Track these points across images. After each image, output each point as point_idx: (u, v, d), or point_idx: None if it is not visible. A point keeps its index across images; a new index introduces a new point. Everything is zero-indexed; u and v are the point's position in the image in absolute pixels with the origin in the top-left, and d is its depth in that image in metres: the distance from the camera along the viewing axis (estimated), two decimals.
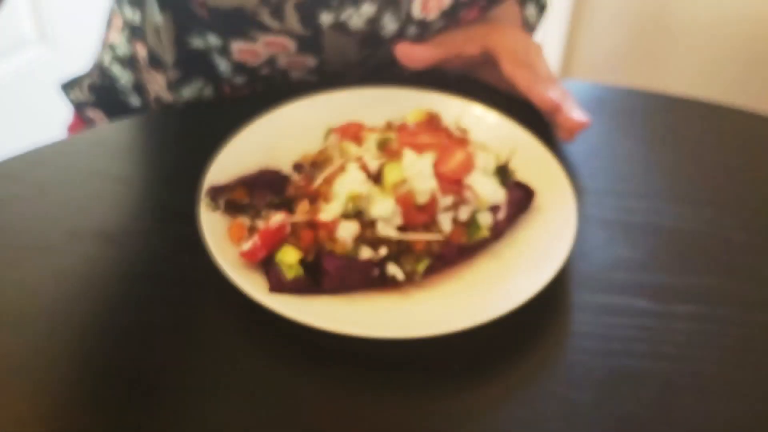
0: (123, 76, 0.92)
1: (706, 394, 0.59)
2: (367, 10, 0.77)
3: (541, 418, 0.57)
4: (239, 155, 0.70)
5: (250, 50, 0.81)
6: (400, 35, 0.82)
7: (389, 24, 0.80)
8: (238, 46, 0.81)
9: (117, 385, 0.57)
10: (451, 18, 0.82)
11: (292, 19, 0.76)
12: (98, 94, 0.96)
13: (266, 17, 0.76)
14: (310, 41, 0.79)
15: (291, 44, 0.80)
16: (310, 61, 0.83)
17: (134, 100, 0.94)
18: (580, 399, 0.58)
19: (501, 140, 0.72)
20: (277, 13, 0.76)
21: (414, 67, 0.81)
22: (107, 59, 0.93)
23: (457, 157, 0.64)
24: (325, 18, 0.77)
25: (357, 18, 0.78)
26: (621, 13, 1.78)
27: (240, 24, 0.79)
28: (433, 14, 0.81)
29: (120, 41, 0.90)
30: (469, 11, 0.84)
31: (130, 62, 0.89)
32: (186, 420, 0.56)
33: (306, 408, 0.57)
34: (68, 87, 0.99)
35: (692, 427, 0.57)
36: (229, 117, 0.83)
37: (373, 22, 0.79)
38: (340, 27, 0.78)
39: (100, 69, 0.94)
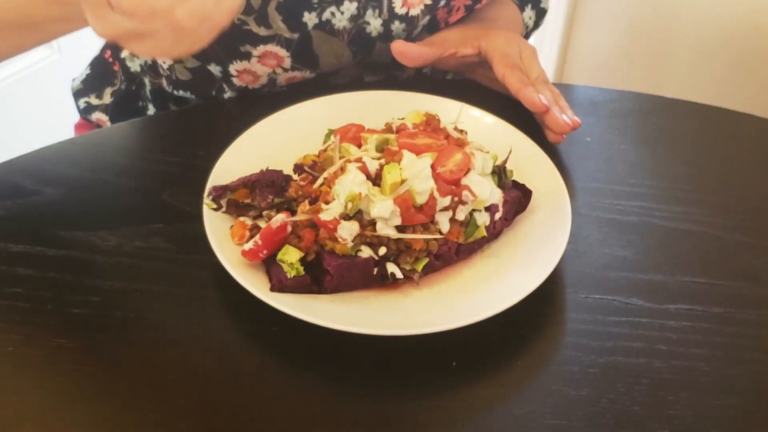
0: (147, 83, 0.93)
1: (700, 391, 0.60)
2: (349, 7, 0.78)
3: (537, 414, 0.58)
4: (241, 156, 0.71)
5: (248, 70, 0.82)
6: (386, 33, 0.83)
7: (373, 20, 0.81)
8: (236, 68, 0.83)
9: (121, 379, 0.58)
10: (433, 11, 0.83)
11: (277, 21, 0.77)
12: (120, 100, 0.96)
13: (253, 26, 0.77)
14: (301, 49, 0.80)
15: (284, 54, 0.81)
16: (308, 75, 0.84)
17: (151, 108, 0.94)
18: (575, 395, 0.59)
19: (498, 141, 0.72)
20: (262, 18, 0.77)
21: (409, 65, 0.82)
22: (134, 66, 0.93)
23: (455, 158, 0.65)
24: (309, 18, 0.78)
25: (340, 16, 0.78)
26: (616, 17, 1.79)
27: (233, 40, 0.80)
28: (416, 9, 0.81)
29: None
30: (455, 13, 0.85)
31: (151, 68, 0.90)
32: (187, 414, 0.56)
33: (307, 404, 0.57)
34: (80, 93, 1.00)
35: (686, 422, 0.58)
36: (231, 118, 0.84)
37: (357, 19, 0.80)
38: (324, 27, 0.79)
39: (128, 75, 0.95)
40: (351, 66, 0.85)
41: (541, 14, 0.94)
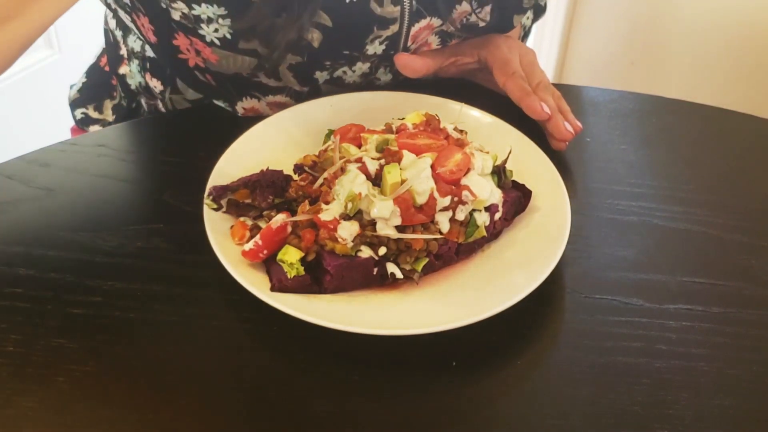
0: (143, 104, 0.93)
1: (699, 391, 0.60)
2: (361, 66, 0.79)
3: (537, 413, 0.58)
4: (242, 156, 0.71)
5: (255, 108, 0.83)
6: (395, 83, 0.84)
7: (384, 76, 0.83)
8: (243, 105, 0.84)
9: (121, 379, 0.58)
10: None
11: (288, 77, 0.78)
12: (122, 115, 0.96)
13: (263, 78, 0.78)
14: (310, 99, 0.81)
15: (292, 104, 0.82)
16: None
17: None
18: (575, 395, 0.59)
19: (498, 141, 0.72)
20: (273, 74, 0.78)
21: (412, 76, 0.83)
22: (133, 83, 0.94)
23: (455, 158, 0.65)
24: (320, 75, 0.78)
25: (351, 74, 0.79)
26: (616, 17, 1.79)
27: (243, 86, 0.81)
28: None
29: (134, 70, 0.91)
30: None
31: (145, 90, 0.90)
32: (187, 414, 0.56)
33: (307, 403, 0.57)
34: (77, 103, 1.00)
35: (686, 422, 0.58)
36: (231, 119, 0.84)
37: (368, 75, 0.81)
38: (335, 82, 0.80)
39: (128, 92, 0.95)
40: None
41: (538, 11, 0.94)
